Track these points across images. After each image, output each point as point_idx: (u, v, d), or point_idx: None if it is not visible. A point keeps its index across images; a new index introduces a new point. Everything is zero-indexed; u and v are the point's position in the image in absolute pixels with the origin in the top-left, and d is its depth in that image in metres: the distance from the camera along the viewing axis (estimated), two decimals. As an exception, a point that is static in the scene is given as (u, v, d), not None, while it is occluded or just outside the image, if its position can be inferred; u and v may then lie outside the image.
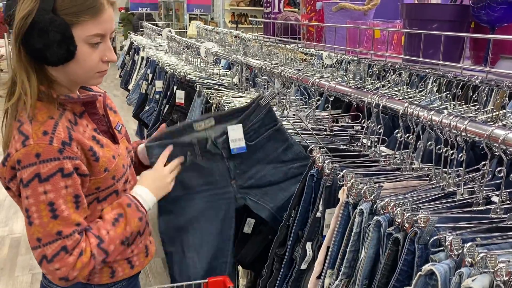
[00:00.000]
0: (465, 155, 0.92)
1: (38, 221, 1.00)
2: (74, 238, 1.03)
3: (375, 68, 2.14)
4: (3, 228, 3.57)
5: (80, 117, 1.11)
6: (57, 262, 1.01)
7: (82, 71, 1.06)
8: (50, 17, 0.97)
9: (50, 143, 1.00)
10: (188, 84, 2.34)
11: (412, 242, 0.83)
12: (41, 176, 0.99)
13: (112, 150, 1.14)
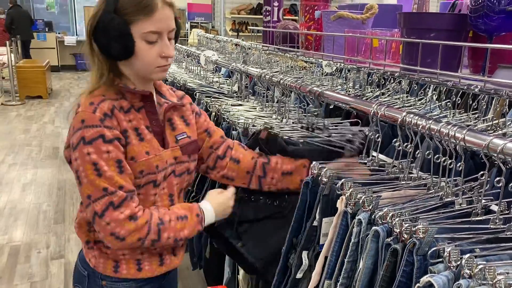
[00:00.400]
0: (464, 164, 0.91)
1: (86, 179, 1.11)
2: (119, 195, 1.12)
3: (375, 76, 2.14)
4: (3, 236, 3.56)
5: (137, 111, 1.21)
6: (106, 216, 1.11)
7: (142, 66, 1.17)
8: (112, 17, 1.11)
9: (93, 112, 1.13)
10: (187, 92, 2.34)
11: (411, 253, 0.82)
12: (85, 139, 1.11)
13: (150, 147, 1.21)
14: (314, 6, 1.51)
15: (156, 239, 1.18)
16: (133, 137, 1.18)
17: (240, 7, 7.36)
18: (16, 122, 7.17)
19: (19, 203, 4.19)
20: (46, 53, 11.89)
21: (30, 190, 4.47)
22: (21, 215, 3.94)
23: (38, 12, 14.05)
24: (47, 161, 5.32)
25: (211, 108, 1.86)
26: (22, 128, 6.79)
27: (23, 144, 5.97)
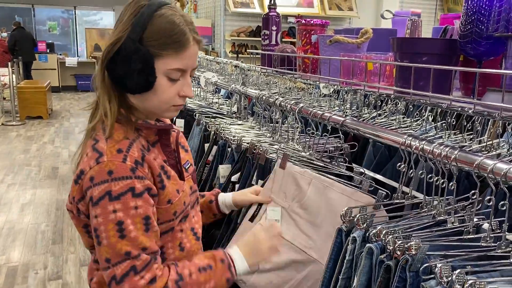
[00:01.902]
0: (455, 184, 0.94)
1: (106, 241, 0.98)
2: (143, 259, 1.00)
3: (371, 98, 2.19)
4: (0, 257, 3.55)
5: (152, 146, 1.11)
6: (126, 282, 0.98)
7: (158, 103, 1.05)
8: (136, 46, 0.99)
9: (123, 161, 0.99)
10: (187, 113, 2.38)
11: (404, 269, 0.84)
12: (112, 194, 0.97)
13: (177, 184, 1.12)
14: (311, 31, 1.56)
15: None
16: (165, 178, 1.08)
17: (239, 30, 7.48)
18: (16, 142, 7.20)
19: (18, 223, 4.18)
20: (47, 74, 12.03)
21: (29, 210, 4.47)
22: (19, 235, 3.93)
23: (40, 34, 14.27)
24: (46, 181, 5.34)
25: (210, 128, 1.90)
26: (22, 148, 6.82)
27: (22, 164, 6.00)
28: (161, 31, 1.00)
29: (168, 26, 1.00)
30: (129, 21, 1.01)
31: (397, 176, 1.43)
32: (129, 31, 0.99)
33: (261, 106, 1.79)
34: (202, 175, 1.89)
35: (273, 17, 1.95)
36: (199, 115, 2.13)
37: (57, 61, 12.72)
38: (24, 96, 8.69)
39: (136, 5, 1.02)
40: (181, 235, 1.15)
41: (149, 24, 1.00)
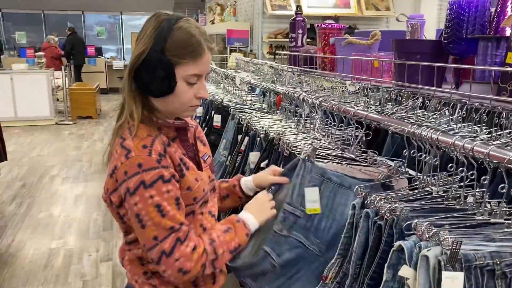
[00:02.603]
0: (439, 160, 1.13)
1: (151, 222, 1.13)
2: (184, 229, 1.16)
3: (392, 94, 2.36)
4: (58, 241, 3.94)
5: (172, 141, 1.25)
6: (176, 252, 1.14)
7: (178, 104, 1.21)
8: (160, 57, 1.14)
9: (149, 155, 1.14)
10: (224, 109, 2.63)
11: (391, 227, 1.03)
12: (146, 183, 1.12)
13: (195, 174, 1.26)
14: (329, 34, 1.77)
15: (215, 258, 1.21)
16: (184, 168, 1.22)
17: (277, 32, 7.67)
18: (68, 140, 7.75)
19: (72, 212, 4.60)
20: (96, 76, 12.70)
21: (82, 201, 4.88)
22: (74, 223, 4.33)
23: (89, 38, 15.06)
24: (96, 175, 5.76)
25: (242, 121, 2.14)
26: (74, 145, 7.35)
27: (75, 160, 6.48)
28: (180, 42, 1.15)
29: (185, 37, 1.15)
30: (152, 34, 1.15)
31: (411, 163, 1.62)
32: (152, 43, 1.14)
33: (287, 101, 2.01)
34: (235, 163, 2.13)
35: (299, 22, 2.16)
36: (233, 110, 2.37)
37: (105, 64, 13.41)
38: (75, 97, 9.29)
39: (157, 20, 1.16)
40: (201, 217, 1.30)
41: (169, 36, 1.14)
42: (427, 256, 0.87)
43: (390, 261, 0.98)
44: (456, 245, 0.84)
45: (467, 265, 0.87)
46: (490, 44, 1.02)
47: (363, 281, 1.10)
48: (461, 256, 0.86)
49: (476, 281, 0.88)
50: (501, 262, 0.89)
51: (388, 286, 0.99)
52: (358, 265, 1.13)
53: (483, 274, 0.89)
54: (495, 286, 0.90)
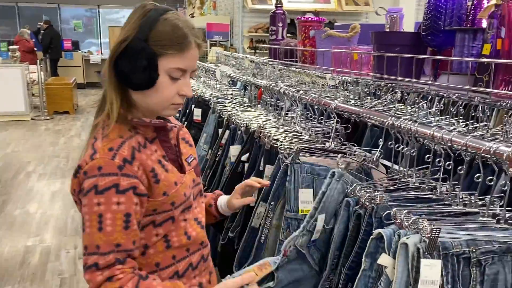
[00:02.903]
0: (416, 151, 1.14)
1: (88, 229, 1.06)
2: (107, 259, 1.04)
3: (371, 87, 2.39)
4: (35, 238, 3.87)
5: (151, 143, 1.17)
6: (88, 273, 1.05)
7: (159, 100, 1.13)
8: (142, 45, 1.07)
9: (112, 159, 1.06)
10: (204, 102, 2.62)
11: (370, 216, 1.05)
12: (98, 188, 1.04)
13: (175, 177, 1.17)
14: (309, 27, 1.77)
15: None
16: (160, 172, 1.13)
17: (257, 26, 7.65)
18: (45, 135, 7.59)
19: (49, 209, 4.51)
20: (73, 71, 12.48)
21: (59, 198, 4.79)
22: (51, 220, 4.25)
23: (65, 32, 14.76)
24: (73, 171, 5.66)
25: (223, 115, 2.13)
26: (50, 141, 7.20)
27: (52, 155, 6.35)
28: (165, 33, 1.09)
29: (172, 29, 1.09)
30: (137, 22, 1.09)
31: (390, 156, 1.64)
32: (136, 31, 1.07)
33: (268, 95, 2.01)
34: (216, 157, 2.13)
35: (279, 15, 2.16)
36: (214, 104, 2.36)
37: (82, 58, 13.18)
38: (51, 92, 9.10)
39: (144, 9, 1.11)
40: (184, 224, 1.20)
41: (155, 26, 1.08)
42: (406, 243, 0.88)
43: (369, 249, 0.99)
44: (435, 233, 0.86)
45: (444, 253, 0.89)
46: (467, 36, 1.04)
47: (340, 272, 1.11)
48: (439, 244, 0.87)
49: (452, 269, 0.90)
50: (477, 250, 0.91)
51: (366, 275, 1.00)
52: (336, 256, 1.14)
53: (459, 261, 0.90)
54: (470, 274, 0.92)
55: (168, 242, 1.18)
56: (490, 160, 0.94)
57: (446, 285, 0.89)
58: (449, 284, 0.89)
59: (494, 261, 0.91)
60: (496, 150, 0.90)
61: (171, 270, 1.19)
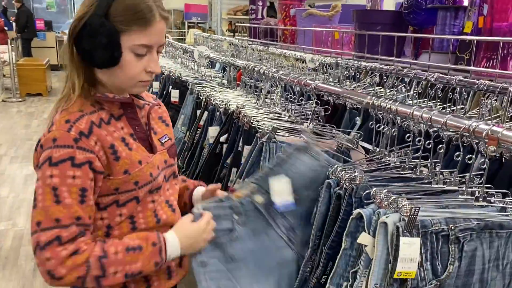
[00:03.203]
0: (397, 130, 1.14)
1: (41, 204, 0.99)
2: (71, 231, 1.00)
3: (351, 70, 2.38)
4: (7, 222, 3.76)
5: (117, 120, 1.12)
6: (48, 250, 0.98)
7: (125, 78, 1.08)
8: (101, 21, 1.01)
9: (68, 131, 1.02)
10: (182, 84, 2.57)
11: (350, 196, 1.04)
12: (52, 160, 1.00)
13: (140, 156, 1.12)
14: (290, 5, 1.74)
15: (101, 275, 1.01)
16: (121, 149, 1.08)
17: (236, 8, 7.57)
18: (17, 118, 7.37)
19: (22, 193, 4.39)
20: (46, 52, 12.09)
21: (32, 182, 4.67)
22: (24, 204, 4.14)
23: (37, 12, 14.27)
24: (48, 154, 5.52)
25: (201, 96, 2.09)
26: (23, 123, 6.99)
27: (24, 138, 6.18)
28: (126, 7, 1.02)
29: (133, 2, 1.03)
30: None
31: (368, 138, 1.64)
32: (95, 7, 1.01)
33: (248, 76, 1.98)
34: (194, 138, 2.09)
35: (260, -7, 2.12)
36: (192, 84, 2.31)
37: (55, 39, 12.77)
38: (23, 73, 8.80)
39: None
40: (153, 206, 1.15)
41: (114, 0, 1.02)
42: (386, 222, 0.88)
43: (349, 229, 0.99)
44: (414, 211, 0.86)
45: (424, 230, 0.89)
46: (449, 14, 1.03)
47: (321, 251, 1.11)
48: (418, 222, 0.88)
49: (431, 246, 0.91)
50: (455, 227, 0.91)
51: (346, 254, 1.00)
52: (318, 236, 1.14)
53: (438, 239, 0.91)
54: (448, 251, 0.92)
55: (134, 223, 1.14)
56: (469, 138, 0.94)
57: (425, 262, 0.89)
58: (428, 261, 0.90)
59: (472, 238, 0.92)
60: (476, 128, 0.90)
61: None
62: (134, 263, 1.05)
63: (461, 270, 0.94)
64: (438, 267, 0.92)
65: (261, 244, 1.15)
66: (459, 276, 0.94)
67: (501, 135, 0.86)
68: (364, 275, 0.94)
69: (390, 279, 0.89)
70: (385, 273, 0.90)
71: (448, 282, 0.93)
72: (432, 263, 0.91)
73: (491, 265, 0.98)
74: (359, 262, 0.97)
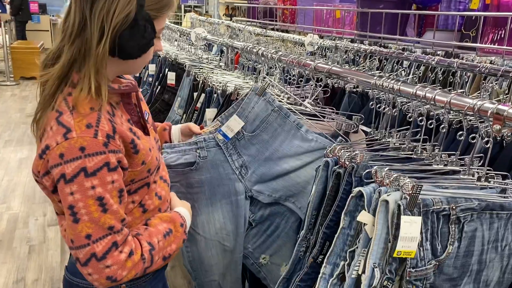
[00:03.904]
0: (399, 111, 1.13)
1: (87, 217, 0.95)
2: (124, 233, 1.00)
3: (351, 54, 2.36)
4: (1, 205, 3.74)
5: (115, 108, 1.07)
6: (109, 259, 0.97)
7: (143, 63, 1.08)
8: (144, 14, 0.99)
9: (95, 137, 0.95)
10: (178, 66, 2.53)
11: (350, 175, 1.03)
12: (88, 171, 0.94)
13: (147, 142, 1.11)
14: (290, -16, 1.71)
15: (149, 266, 1.07)
16: (138, 142, 1.05)
17: (233, -7, 7.47)
18: (11, 101, 7.29)
19: (16, 176, 4.36)
20: (40, 35, 11.94)
21: (26, 165, 4.63)
22: (19, 187, 4.11)
23: (32, -5, 14.04)
24: (42, 138, 5.48)
25: (198, 78, 2.06)
26: (17, 107, 6.93)
27: (18, 122, 6.12)
28: None
29: None
30: None
31: (367, 121, 1.63)
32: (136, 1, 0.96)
33: (246, 57, 1.95)
34: (191, 120, 2.07)
35: (259, -27, 2.07)
36: (189, 66, 2.28)
37: (50, 22, 12.61)
38: (17, 56, 8.70)
39: None
40: (155, 186, 1.17)
41: None
42: (387, 200, 0.87)
43: (348, 207, 0.97)
44: (416, 189, 0.84)
45: (425, 209, 0.88)
46: (455, -10, 1.01)
47: (318, 231, 1.10)
48: (420, 201, 0.86)
49: (432, 226, 0.89)
50: (457, 207, 0.90)
51: (344, 233, 0.99)
52: (314, 216, 1.13)
53: (439, 218, 0.90)
54: (448, 231, 0.91)
55: (143, 206, 1.14)
56: (474, 117, 0.92)
57: (425, 241, 0.88)
58: (428, 241, 0.89)
59: (472, 218, 0.91)
60: (481, 107, 0.89)
61: None
62: (169, 246, 1.12)
63: (460, 250, 0.93)
64: (437, 247, 0.91)
65: (217, 175, 1.33)
66: (458, 256, 0.93)
67: (507, 114, 0.84)
68: (362, 254, 0.92)
69: (389, 259, 0.88)
70: (384, 253, 0.88)
71: (447, 263, 0.92)
72: (432, 243, 0.90)
73: (490, 247, 0.97)
74: (357, 242, 0.96)
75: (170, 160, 1.34)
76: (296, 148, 1.35)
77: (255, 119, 1.33)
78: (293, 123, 1.36)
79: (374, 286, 0.86)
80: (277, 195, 1.36)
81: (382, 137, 1.19)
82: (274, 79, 1.80)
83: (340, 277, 0.97)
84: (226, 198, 1.35)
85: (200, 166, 1.32)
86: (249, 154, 1.34)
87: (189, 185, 1.35)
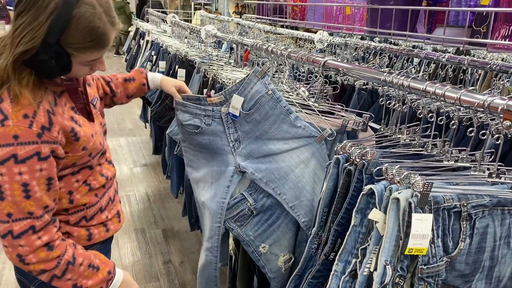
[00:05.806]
0: (408, 107, 1.12)
1: (11, 198, 1.02)
2: (44, 220, 1.06)
3: (360, 51, 2.35)
4: None
5: (59, 96, 1.12)
6: (23, 239, 1.04)
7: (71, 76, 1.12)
8: (55, 49, 1.00)
9: (29, 127, 1.01)
10: (188, 63, 2.54)
11: (361, 172, 1.03)
12: (18, 158, 1.01)
13: (89, 129, 1.17)
14: (300, -19, 1.71)
15: (58, 276, 1.11)
16: (78, 129, 1.12)
17: (242, -10, 7.46)
18: None
19: None
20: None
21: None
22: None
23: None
24: None
25: (208, 75, 2.07)
26: None
27: None
28: (80, 36, 1.02)
29: (88, 31, 1.02)
30: (45, 20, 0.98)
31: (377, 119, 1.62)
32: (45, 34, 0.98)
33: (255, 54, 1.96)
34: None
35: (268, -30, 2.08)
36: (199, 63, 2.29)
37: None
38: None
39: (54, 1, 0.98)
40: (100, 168, 1.26)
41: (67, 28, 1.00)
42: (398, 198, 0.87)
43: (359, 205, 0.98)
44: (427, 187, 0.84)
45: (436, 207, 0.88)
46: (466, -14, 1.00)
47: (330, 228, 1.11)
48: (430, 198, 0.86)
49: (443, 223, 0.90)
50: (468, 204, 0.90)
51: (356, 231, 1.00)
52: (325, 213, 1.13)
53: (450, 215, 0.90)
54: (460, 227, 0.91)
55: (89, 185, 1.24)
56: (484, 113, 0.92)
57: (437, 239, 0.88)
58: (439, 238, 0.89)
59: (484, 214, 0.91)
60: (491, 103, 0.88)
61: (97, 206, 1.27)
62: (87, 279, 1.15)
63: (472, 247, 0.93)
64: (449, 244, 0.91)
65: (215, 143, 1.47)
66: (470, 253, 0.93)
67: (518, 110, 0.84)
68: (374, 251, 0.93)
69: (400, 256, 0.88)
70: (395, 250, 0.89)
71: (458, 259, 0.92)
72: (443, 240, 0.90)
73: (502, 243, 0.97)
74: (368, 239, 0.96)
75: (182, 118, 1.49)
76: (284, 132, 1.41)
77: (251, 99, 1.42)
78: (283, 108, 1.41)
79: (386, 283, 0.86)
80: (259, 175, 1.41)
81: (392, 133, 1.19)
82: (284, 76, 1.80)
83: (352, 274, 0.98)
84: (218, 166, 1.49)
85: (203, 131, 1.47)
86: (243, 130, 1.44)
87: (194, 145, 1.53)
